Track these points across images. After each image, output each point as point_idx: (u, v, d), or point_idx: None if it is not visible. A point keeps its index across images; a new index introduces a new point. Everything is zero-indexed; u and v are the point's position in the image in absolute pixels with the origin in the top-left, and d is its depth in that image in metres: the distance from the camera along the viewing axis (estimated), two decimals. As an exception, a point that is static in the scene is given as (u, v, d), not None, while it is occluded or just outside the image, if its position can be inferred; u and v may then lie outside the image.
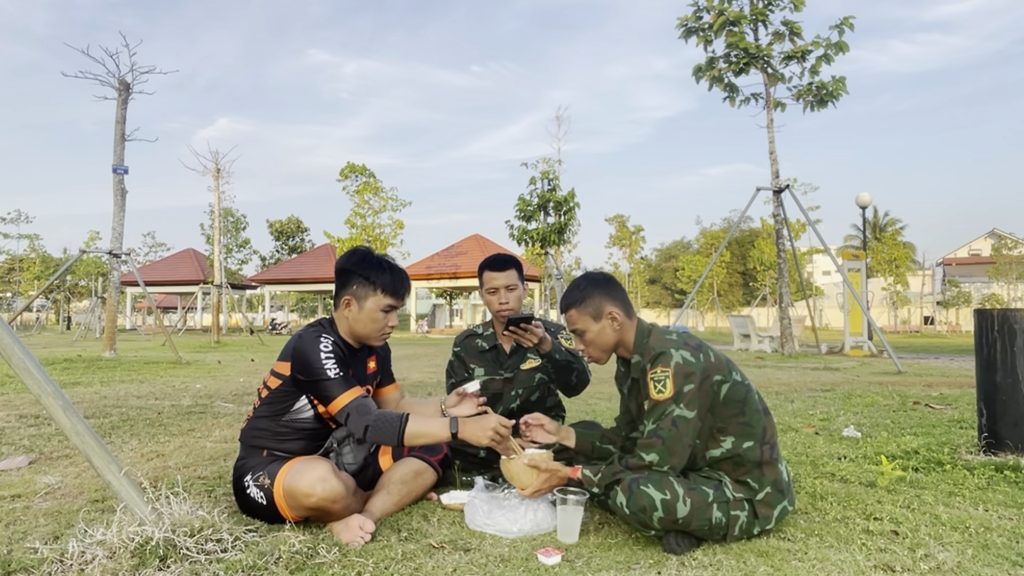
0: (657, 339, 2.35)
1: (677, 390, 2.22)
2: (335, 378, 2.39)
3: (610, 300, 2.42)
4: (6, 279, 43.28)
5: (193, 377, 8.30)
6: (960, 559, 2.10)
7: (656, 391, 2.24)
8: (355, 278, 2.54)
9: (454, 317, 50.30)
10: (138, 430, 4.42)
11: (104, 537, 2.05)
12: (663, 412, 2.22)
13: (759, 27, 13.20)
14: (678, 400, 2.22)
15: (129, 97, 11.41)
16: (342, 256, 2.64)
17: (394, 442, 2.35)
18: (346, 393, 2.38)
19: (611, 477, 2.28)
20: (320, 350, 2.43)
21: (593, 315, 2.41)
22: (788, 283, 13.26)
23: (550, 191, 21.00)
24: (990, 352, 3.36)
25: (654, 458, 2.20)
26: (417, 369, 9.83)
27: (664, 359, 2.25)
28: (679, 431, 2.21)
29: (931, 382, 7.52)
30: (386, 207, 32.57)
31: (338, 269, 2.60)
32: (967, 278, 45.59)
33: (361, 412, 2.36)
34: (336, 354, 2.45)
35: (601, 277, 2.49)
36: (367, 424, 2.34)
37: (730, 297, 49.51)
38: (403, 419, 2.34)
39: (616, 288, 2.46)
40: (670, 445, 2.20)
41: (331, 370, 2.39)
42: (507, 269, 3.19)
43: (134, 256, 42.11)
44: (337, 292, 2.60)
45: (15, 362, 2.08)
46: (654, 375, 2.26)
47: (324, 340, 2.46)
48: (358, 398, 2.39)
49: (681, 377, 2.22)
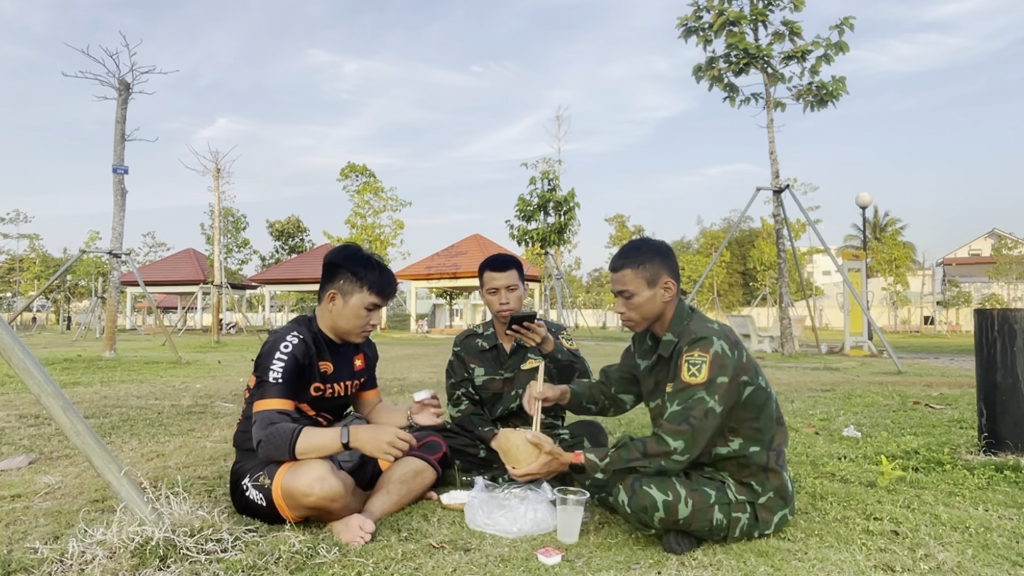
0: (699, 324, 2.29)
1: (711, 378, 2.16)
2: (272, 383, 2.39)
3: (668, 269, 2.35)
4: (6, 279, 43.28)
5: (193, 377, 8.30)
6: (960, 559, 2.10)
7: (689, 374, 2.18)
8: (343, 273, 2.54)
9: (454, 317, 50.27)
10: (138, 430, 4.42)
11: (104, 537, 2.05)
12: (693, 397, 2.16)
13: (759, 27, 13.20)
14: (710, 389, 2.16)
15: (129, 97, 11.41)
16: (332, 250, 2.64)
17: (286, 457, 2.30)
18: (272, 400, 2.37)
19: (624, 463, 2.17)
20: (279, 350, 2.44)
21: (649, 280, 2.33)
22: (788, 283, 13.26)
23: (550, 191, 21.02)
24: (990, 352, 3.36)
25: (680, 445, 2.13)
26: (417, 369, 9.83)
27: (704, 344, 2.20)
28: (708, 424, 2.16)
29: (931, 382, 7.52)
30: (386, 207, 32.57)
31: (326, 262, 2.60)
32: (967, 278, 45.59)
33: (263, 424, 2.33)
34: (293, 358, 2.43)
35: (662, 245, 2.41)
36: (260, 439, 2.31)
37: (730, 297, 49.53)
38: (295, 434, 2.29)
39: (674, 259, 2.40)
40: (697, 436, 2.15)
41: (275, 373, 2.39)
42: (508, 269, 3.18)
43: (134, 256, 42.07)
44: (322, 285, 2.60)
45: (15, 362, 2.08)
46: (690, 357, 2.20)
47: (289, 341, 2.46)
48: (275, 411, 2.35)
49: (717, 367, 2.18)
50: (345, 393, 2.70)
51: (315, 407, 2.61)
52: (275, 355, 2.43)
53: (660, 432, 2.18)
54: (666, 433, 2.16)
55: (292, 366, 2.43)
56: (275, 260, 47.46)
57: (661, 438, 2.16)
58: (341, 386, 2.66)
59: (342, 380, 2.66)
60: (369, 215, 32.30)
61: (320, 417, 2.65)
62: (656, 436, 2.18)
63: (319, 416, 2.64)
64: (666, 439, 2.15)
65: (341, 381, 2.66)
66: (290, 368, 2.43)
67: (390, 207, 32.66)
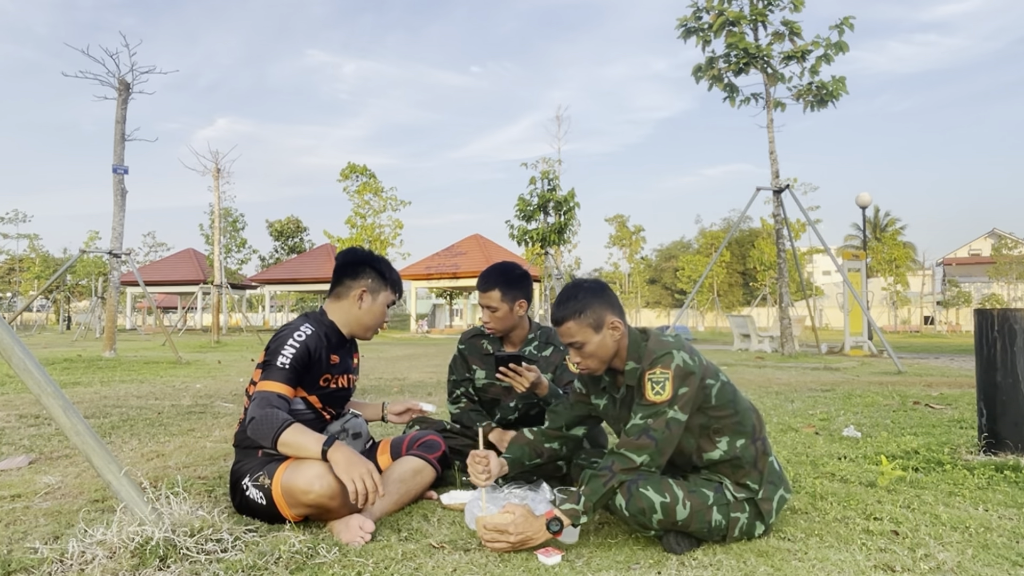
0: (655, 342, 2.30)
1: (675, 393, 2.18)
2: (279, 367, 2.43)
3: (610, 309, 2.33)
4: (6, 279, 43.27)
5: (193, 377, 8.30)
6: (960, 559, 2.10)
7: (653, 392, 2.19)
8: (370, 272, 2.65)
9: (454, 317, 50.28)
10: (138, 430, 4.42)
11: (104, 537, 2.05)
12: (656, 412, 2.18)
13: (759, 27, 13.20)
14: (673, 403, 2.18)
15: (129, 97, 11.41)
16: (348, 250, 2.71)
17: (268, 444, 2.30)
18: (275, 383, 2.41)
19: (600, 494, 2.15)
20: (292, 337, 2.48)
21: (594, 326, 2.30)
22: (788, 283, 13.26)
23: (550, 191, 21.01)
24: (990, 352, 3.36)
25: (645, 459, 2.16)
26: (417, 369, 9.83)
27: (665, 360, 2.21)
28: (671, 434, 2.18)
29: (931, 382, 7.52)
30: (386, 207, 32.57)
31: (349, 261, 2.67)
32: (967, 278, 45.59)
33: (260, 404, 2.36)
34: (305, 347, 2.48)
35: (596, 285, 2.38)
36: (253, 416, 2.33)
37: (730, 297, 49.52)
38: (284, 424, 2.29)
39: (612, 295, 2.38)
40: (661, 447, 2.18)
41: (284, 358, 2.44)
42: (488, 290, 3.02)
43: (134, 256, 42.09)
44: (344, 283, 2.66)
45: (15, 362, 2.07)
46: (652, 376, 2.21)
47: (303, 331, 2.51)
48: (275, 394, 2.39)
49: (680, 380, 2.19)
50: (348, 385, 2.75)
51: (323, 401, 2.64)
52: (288, 342, 2.47)
53: (622, 450, 2.17)
54: (628, 450, 2.16)
55: (303, 354, 2.47)
56: (275, 260, 47.48)
57: (624, 456, 2.17)
58: (345, 379, 2.71)
59: (347, 373, 2.72)
60: (369, 215, 32.29)
61: (325, 411, 2.66)
62: (619, 455, 2.17)
63: (324, 410, 2.66)
64: (629, 455, 2.16)
65: (346, 374, 2.71)
66: (300, 356, 2.46)
67: (390, 207, 32.66)
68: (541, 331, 3.23)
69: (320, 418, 2.62)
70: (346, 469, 2.23)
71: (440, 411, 4.57)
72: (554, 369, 3.15)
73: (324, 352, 2.58)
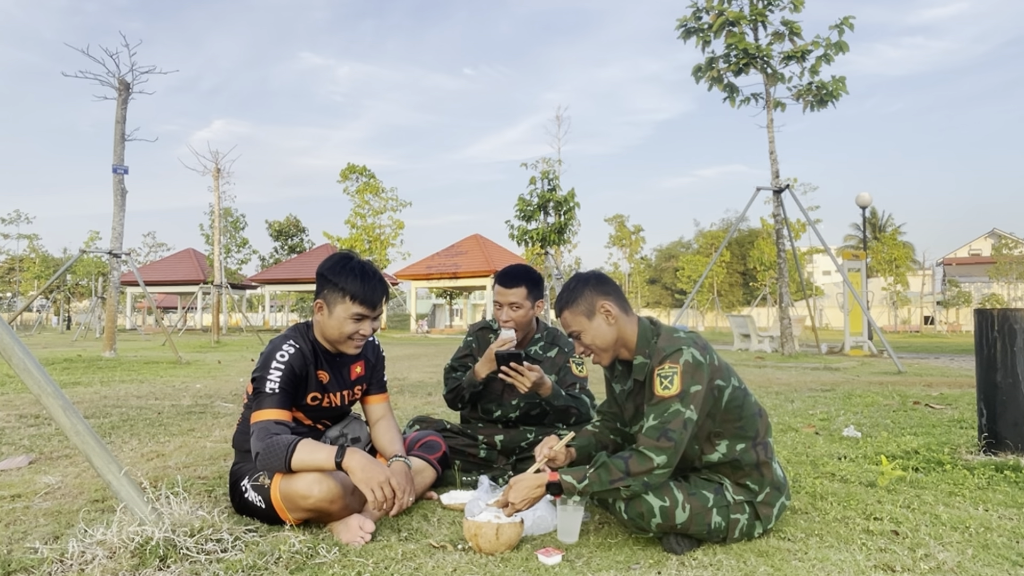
0: (666, 338, 2.27)
1: (684, 388, 2.16)
2: (269, 392, 2.39)
3: (601, 295, 2.34)
4: (6, 279, 43.26)
5: (193, 377, 8.30)
6: (960, 559, 2.10)
7: (662, 387, 2.18)
8: (326, 283, 2.52)
9: (454, 317, 50.28)
10: (138, 430, 4.42)
11: (104, 537, 2.05)
12: (669, 410, 2.15)
13: (759, 27, 13.20)
14: (684, 399, 2.15)
15: (129, 97, 11.41)
16: (326, 258, 2.63)
17: (282, 469, 2.29)
18: (269, 411, 2.37)
19: (605, 485, 2.13)
20: (276, 359, 2.44)
21: (586, 312, 2.32)
22: (788, 283, 13.26)
23: (550, 191, 21.02)
24: (990, 352, 3.36)
25: (663, 460, 2.11)
26: (417, 369, 9.83)
27: (675, 356, 2.20)
28: (687, 434, 2.16)
29: (931, 382, 7.52)
30: (386, 207, 32.57)
31: (316, 273, 2.61)
32: (967, 278, 45.58)
33: (260, 436, 2.32)
34: (290, 367, 2.44)
35: (590, 275, 2.41)
36: (258, 451, 2.30)
37: (730, 297, 49.53)
38: (291, 447, 2.27)
39: (608, 283, 2.39)
40: (679, 448, 2.14)
41: (272, 383, 2.40)
42: (516, 286, 3.02)
43: (134, 256, 42.07)
44: (314, 295, 2.61)
45: (15, 362, 2.08)
46: (661, 371, 2.20)
47: (286, 350, 2.46)
48: (272, 422, 2.35)
49: (689, 376, 2.17)
50: (342, 403, 2.67)
51: (312, 416, 2.61)
52: (271, 365, 2.43)
53: (642, 448, 2.15)
54: (648, 449, 2.14)
55: (288, 375, 2.43)
56: (275, 260, 47.45)
57: (643, 454, 2.14)
58: (338, 396, 2.64)
59: (339, 390, 2.64)
60: (369, 215, 32.29)
61: (319, 424, 2.64)
62: (638, 453, 2.15)
63: (318, 424, 2.63)
64: (648, 455, 2.13)
65: (338, 391, 2.64)
66: (287, 377, 2.43)
67: (390, 207, 32.67)
68: (548, 332, 3.23)
69: (315, 432, 2.59)
70: (364, 479, 2.22)
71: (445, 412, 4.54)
72: (558, 371, 3.15)
73: (310, 370, 2.52)
